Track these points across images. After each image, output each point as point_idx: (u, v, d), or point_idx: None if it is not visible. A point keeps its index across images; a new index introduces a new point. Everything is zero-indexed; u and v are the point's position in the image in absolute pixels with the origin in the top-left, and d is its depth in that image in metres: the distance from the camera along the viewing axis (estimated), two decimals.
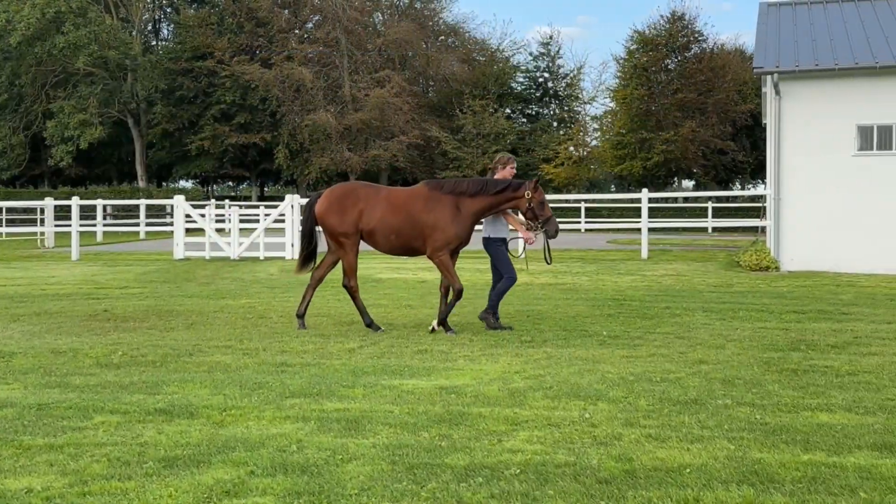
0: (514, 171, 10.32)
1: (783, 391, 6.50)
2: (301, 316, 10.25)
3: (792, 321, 10.75)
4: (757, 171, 52.28)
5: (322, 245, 10.41)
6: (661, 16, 51.79)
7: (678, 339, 9.23)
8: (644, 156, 45.34)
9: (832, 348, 8.60)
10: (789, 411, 5.89)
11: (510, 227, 10.21)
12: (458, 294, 9.77)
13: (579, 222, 36.46)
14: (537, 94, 58.32)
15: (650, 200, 26.84)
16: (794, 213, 19.90)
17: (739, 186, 57.38)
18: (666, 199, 44.21)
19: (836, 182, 19.63)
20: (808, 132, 19.86)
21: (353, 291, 10.13)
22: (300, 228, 10.83)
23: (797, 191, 19.93)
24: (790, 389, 6.56)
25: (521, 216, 10.11)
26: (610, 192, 54.17)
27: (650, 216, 24.63)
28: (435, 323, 9.89)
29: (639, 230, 23.85)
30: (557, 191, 50.87)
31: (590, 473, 4.59)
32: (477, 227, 10.28)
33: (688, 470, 4.61)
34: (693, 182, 57.33)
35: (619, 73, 49.18)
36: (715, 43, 51.60)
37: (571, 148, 49.99)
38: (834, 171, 19.73)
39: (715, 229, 37.36)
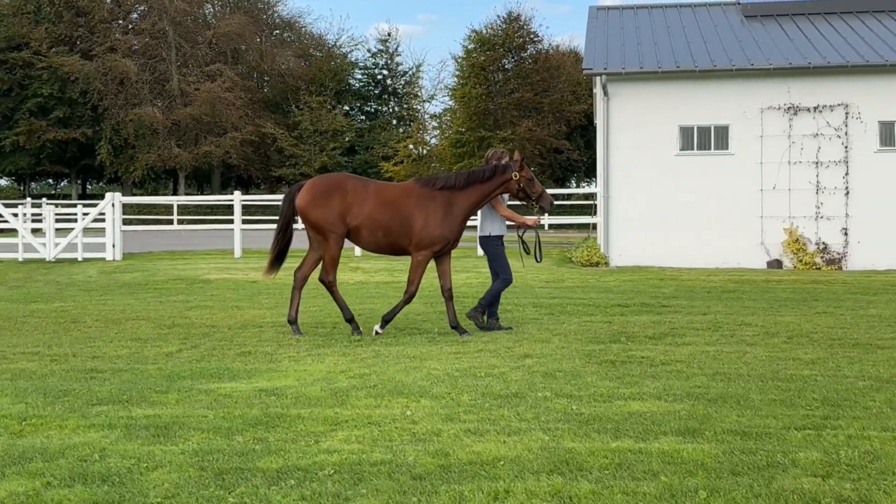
0: None
1: (600, 382, 6.77)
2: (293, 322, 9.60)
3: (616, 314, 11.23)
4: (591, 170, 54.28)
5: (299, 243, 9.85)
6: (498, 16, 53.03)
7: (506, 335, 9.45)
8: (483, 154, 46.23)
9: (650, 339, 9.04)
10: (604, 401, 6.13)
11: (508, 221, 10.07)
12: (409, 299, 9.62)
13: None
14: (376, 92, 58.39)
15: None
16: (621, 211, 20.81)
17: (575, 184, 59.44)
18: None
19: (661, 180, 20.67)
20: (634, 132, 20.82)
21: (331, 286, 9.64)
22: (277, 223, 9.90)
23: (625, 189, 20.85)
24: (607, 380, 6.84)
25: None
26: None
27: None
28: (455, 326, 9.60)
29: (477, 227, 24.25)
30: None
31: (405, 470, 4.62)
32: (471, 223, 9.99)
33: (502, 462, 4.72)
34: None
35: (457, 72, 49.87)
36: (550, 44, 53.32)
37: (411, 146, 50.32)
38: (658, 170, 20.76)
39: (551, 226, 38.51)
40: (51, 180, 70.32)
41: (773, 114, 20.51)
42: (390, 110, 58.63)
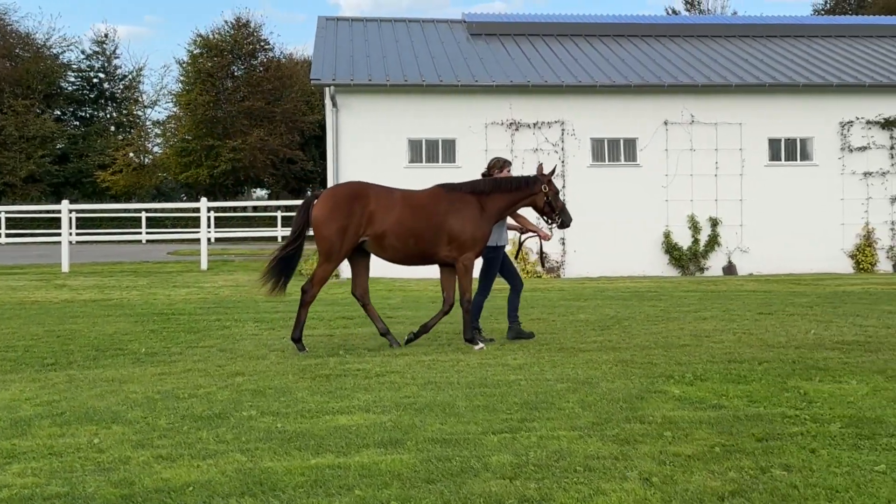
0: (511, 174, 9.96)
1: (311, 397, 6.72)
2: (385, 333, 9.47)
3: (339, 327, 11.28)
4: (327, 181, 54.46)
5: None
6: (226, 21, 51.99)
7: (220, 352, 9.20)
8: (210, 163, 45.02)
9: (369, 351, 9.14)
10: (311, 417, 6.09)
11: (513, 227, 10.07)
12: (468, 307, 9.39)
13: (140, 233, 35.20)
14: (91, 96, 55.23)
15: (215, 210, 26.58)
16: None
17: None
18: (234, 209, 44.33)
19: None
20: (364, 144, 21.14)
21: (307, 299, 9.21)
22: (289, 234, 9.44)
23: None
24: (318, 395, 6.81)
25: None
26: (180, 200, 52.99)
27: (217, 226, 24.49)
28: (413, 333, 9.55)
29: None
30: (116, 199, 48.58)
31: (82, 503, 4.32)
32: None
33: (191, 488, 4.53)
34: (267, 191, 58.42)
35: (182, 78, 48.31)
36: (282, 52, 53.12)
37: (132, 154, 48.07)
38: (388, 183, 21.07)
39: (285, 238, 38.26)
40: None
41: (496, 129, 21.61)
42: (108, 116, 55.63)
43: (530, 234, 10.21)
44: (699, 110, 22.08)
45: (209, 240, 26.09)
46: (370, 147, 21.12)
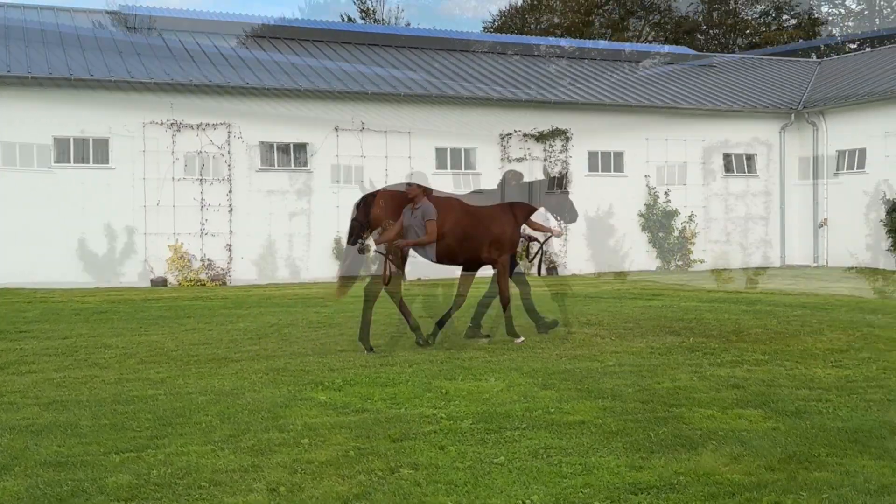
0: None
1: None
2: (417, 328, 9.66)
3: None
4: None
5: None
6: None
7: None
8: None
9: None
10: None
11: (532, 235, 10.80)
12: (507, 303, 9.99)
13: None
14: None
15: None
16: None
17: None
18: None
19: (29, 198, 19.62)
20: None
21: (373, 299, 9.50)
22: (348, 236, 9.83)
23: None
24: None
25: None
26: None
27: None
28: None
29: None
30: None
31: None
32: None
33: None
34: None
35: None
36: None
37: None
38: (32, 184, 19.63)
39: None
40: None
41: (156, 128, 20.79)
42: None
43: (546, 238, 11.27)
44: (369, 118, 22.63)
45: None
46: (7, 144, 19.42)
